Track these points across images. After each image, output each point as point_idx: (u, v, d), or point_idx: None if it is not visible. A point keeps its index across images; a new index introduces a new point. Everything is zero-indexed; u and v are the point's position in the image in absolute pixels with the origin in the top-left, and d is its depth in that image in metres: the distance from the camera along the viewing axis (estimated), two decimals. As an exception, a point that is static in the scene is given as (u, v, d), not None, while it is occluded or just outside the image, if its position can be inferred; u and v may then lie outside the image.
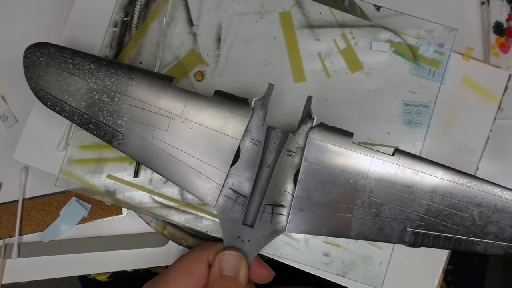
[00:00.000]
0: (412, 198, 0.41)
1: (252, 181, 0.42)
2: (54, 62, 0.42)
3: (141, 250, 0.52)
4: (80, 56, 0.42)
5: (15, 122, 0.54)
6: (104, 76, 0.42)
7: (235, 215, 0.42)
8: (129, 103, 0.42)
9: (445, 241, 0.41)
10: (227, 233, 0.42)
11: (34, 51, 0.42)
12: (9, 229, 0.53)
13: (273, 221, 0.42)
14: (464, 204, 0.41)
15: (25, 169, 0.53)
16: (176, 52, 0.50)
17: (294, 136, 0.42)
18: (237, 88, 0.49)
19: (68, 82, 0.42)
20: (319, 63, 0.49)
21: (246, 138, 0.42)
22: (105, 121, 0.42)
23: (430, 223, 0.41)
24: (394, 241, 0.41)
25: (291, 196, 0.42)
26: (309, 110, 0.42)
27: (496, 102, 0.49)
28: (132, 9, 0.50)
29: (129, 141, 0.42)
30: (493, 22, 0.54)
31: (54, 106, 0.42)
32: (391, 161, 0.41)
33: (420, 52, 0.49)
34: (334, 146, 0.41)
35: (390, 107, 0.49)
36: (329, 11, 0.50)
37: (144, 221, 0.51)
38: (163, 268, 0.56)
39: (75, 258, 0.52)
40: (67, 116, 0.42)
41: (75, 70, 0.42)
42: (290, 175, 0.42)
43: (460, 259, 0.83)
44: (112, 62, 0.42)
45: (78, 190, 0.49)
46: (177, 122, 0.42)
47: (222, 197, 0.42)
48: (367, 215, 0.41)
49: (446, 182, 0.41)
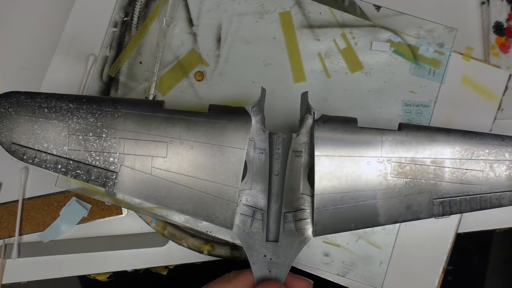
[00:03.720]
0: (431, 167, 0.40)
1: (266, 192, 0.40)
2: (26, 110, 0.38)
3: (141, 250, 0.52)
4: (56, 98, 0.38)
5: (15, 122, 0.54)
6: (86, 114, 0.38)
7: (256, 233, 0.39)
8: (119, 136, 0.38)
9: (472, 202, 0.40)
10: (252, 255, 0.39)
11: (1, 103, 0.37)
12: (9, 229, 0.53)
13: (297, 228, 0.39)
14: (480, 161, 0.40)
15: (25, 169, 0.53)
16: (176, 52, 0.50)
17: (298, 136, 0.41)
18: (237, 88, 0.49)
19: (46, 127, 0.38)
20: (319, 63, 0.49)
21: (250, 149, 0.40)
22: (94, 162, 0.38)
23: (453, 188, 0.40)
24: (423, 216, 0.40)
25: (310, 197, 0.40)
26: (307, 106, 0.40)
27: (496, 102, 0.49)
28: (132, 9, 0.50)
29: (126, 179, 0.38)
30: (493, 22, 0.54)
31: (32, 159, 0.38)
32: (400, 136, 0.40)
33: (420, 52, 0.49)
34: (342, 134, 0.40)
35: (390, 107, 0.49)
36: (329, 11, 0.50)
37: (144, 221, 0.51)
38: (163, 268, 0.56)
39: (75, 258, 0.52)
40: (49, 167, 0.38)
41: (52, 113, 0.38)
42: (303, 175, 0.40)
43: (460, 259, 0.83)
44: (93, 97, 0.39)
45: (78, 190, 0.49)
46: (175, 146, 0.39)
47: (238, 217, 0.39)
48: (392, 195, 0.40)
49: (458, 144, 0.40)
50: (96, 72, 0.49)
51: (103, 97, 0.40)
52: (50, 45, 0.51)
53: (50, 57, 0.50)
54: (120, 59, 0.50)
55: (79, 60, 0.50)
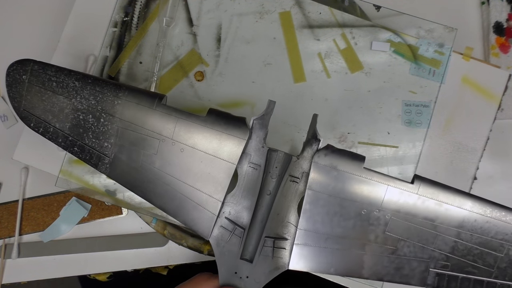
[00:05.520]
0: (436, 234, 0.35)
1: (252, 210, 0.37)
2: (37, 81, 0.39)
3: (141, 250, 0.52)
4: (64, 74, 0.39)
5: (15, 122, 0.54)
6: (89, 95, 0.39)
7: (232, 248, 0.37)
8: (116, 124, 0.38)
9: (476, 284, 0.35)
10: (223, 269, 0.37)
11: (17, 69, 0.39)
12: (9, 229, 0.53)
13: (274, 255, 0.37)
14: (499, 242, 0.35)
15: (25, 169, 0.53)
16: (176, 52, 0.50)
17: (298, 160, 0.38)
18: (237, 88, 0.49)
19: (52, 101, 0.39)
20: (319, 63, 0.49)
21: (244, 161, 0.38)
22: (90, 143, 0.39)
23: (457, 263, 0.35)
24: (413, 282, 0.36)
25: (294, 227, 0.37)
26: (314, 131, 0.37)
27: (496, 102, 0.49)
28: (132, 9, 0.50)
29: (117, 166, 0.38)
30: (493, 22, 0.54)
31: (37, 128, 0.39)
32: (410, 190, 0.35)
33: (420, 52, 0.49)
34: (343, 172, 0.36)
35: (390, 107, 0.49)
36: (329, 11, 0.50)
37: (144, 221, 0.51)
38: (163, 268, 0.56)
39: (75, 258, 0.52)
40: (51, 138, 0.39)
41: (59, 88, 0.39)
42: (294, 204, 0.38)
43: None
44: (98, 79, 0.39)
45: (78, 190, 0.49)
46: (167, 145, 0.38)
47: (217, 228, 0.38)
48: (382, 252, 0.36)
49: (476, 216, 0.35)
50: (96, 72, 0.49)
51: (107, 81, 0.39)
52: (50, 45, 0.51)
53: (50, 57, 0.50)
54: (120, 59, 0.50)
55: (79, 60, 0.50)
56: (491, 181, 0.52)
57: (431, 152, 0.49)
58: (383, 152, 0.48)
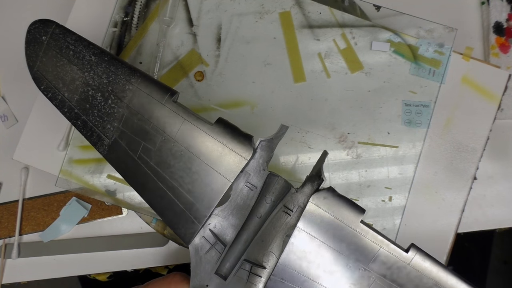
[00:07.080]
0: None
1: (238, 229, 0.36)
2: (55, 45, 0.39)
3: (141, 250, 0.52)
4: (83, 45, 0.39)
5: (15, 122, 0.54)
6: (102, 73, 0.38)
7: (209, 260, 0.36)
8: (123, 109, 0.38)
9: None
10: (196, 279, 0.36)
11: (38, 28, 0.39)
12: (9, 229, 0.53)
13: (248, 281, 0.36)
14: None
15: (25, 169, 0.53)
16: (176, 52, 0.50)
17: (296, 193, 0.36)
18: (237, 88, 0.49)
19: (65, 70, 0.39)
20: (319, 63, 0.49)
21: (241, 179, 0.37)
22: (94, 121, 0.38)
23: None
24: None
25: (276, 259, 0.36)
26: (319, 169, 0.36)
27: (496, 102, 0.49)
28: (132, 9, 0.50)
29: (115, 150, 0.38)
30: (493, 22, 0.54)
31: (47, 92, 0.39)
32: (402, 259, 0.34)
33: (420, 52, 0.49)
34: (338, 221, 0.35)
35: (390, 107, 0.49)
36: (329, 11, 0.50)
37: (144, 221, 0.51)
38: (163, 268, 0.56)
39: (75, 258, 0.52)
40: (57, 106, 0.39)
41: (75, 58, 0.38)
42: (281, 235, 0.36)
43: (460, 259, 0.83)
44: (115, 58, 0.39)
45: (78, 190, 0.49)
46: (167, 144, 0.37)
47: (199, 237, 0.37)
48: None
49: None
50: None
51: (124, 63, 0.39)
52: (50, 45, 0.51)
53: (50, 57, 0.50)
54: (120, 59, 0.50)
55: (79, 60, 0.50)
56: (491, 181, 0.52)
57: (431, 152, 0.49)
58: (383, 152, 0.48)
